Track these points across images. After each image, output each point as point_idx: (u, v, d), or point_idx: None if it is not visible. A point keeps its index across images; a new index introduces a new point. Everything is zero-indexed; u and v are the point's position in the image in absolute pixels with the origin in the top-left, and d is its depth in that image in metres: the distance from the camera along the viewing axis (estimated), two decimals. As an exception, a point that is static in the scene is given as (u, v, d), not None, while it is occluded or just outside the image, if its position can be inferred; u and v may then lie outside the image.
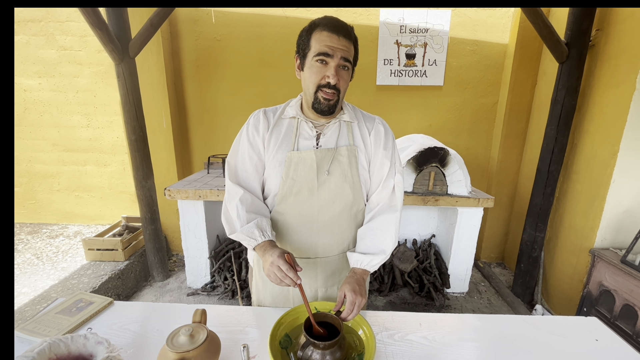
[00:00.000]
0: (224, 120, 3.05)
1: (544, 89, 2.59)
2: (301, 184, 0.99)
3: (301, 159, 0.98)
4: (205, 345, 0.79)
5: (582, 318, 1.11)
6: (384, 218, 1.01)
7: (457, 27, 2.74)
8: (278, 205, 1.02)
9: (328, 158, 0.99)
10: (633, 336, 1.74)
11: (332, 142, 1.01)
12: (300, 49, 0.95)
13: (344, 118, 1.02)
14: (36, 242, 2.94)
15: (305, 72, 0.94)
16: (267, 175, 1.03)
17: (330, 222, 1.03)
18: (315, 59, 0.89)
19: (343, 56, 0.89)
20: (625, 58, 1.88)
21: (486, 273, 2.94)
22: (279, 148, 0.99)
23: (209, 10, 2.76)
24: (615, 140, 1.91)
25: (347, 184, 1.01)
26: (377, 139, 1.04)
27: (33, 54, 2.94)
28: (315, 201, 1.01)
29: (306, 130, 1.00)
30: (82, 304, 1.10)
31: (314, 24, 0.91)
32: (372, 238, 1.00)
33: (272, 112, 1.03)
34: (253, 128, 1.01)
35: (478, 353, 0.93)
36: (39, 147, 3.18)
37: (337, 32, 0.87)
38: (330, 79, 0.89)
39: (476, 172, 3.09)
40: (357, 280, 0.93)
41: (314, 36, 0.89)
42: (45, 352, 0.78)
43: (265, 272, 0.89)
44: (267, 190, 1.05)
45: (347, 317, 0.87)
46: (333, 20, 0.89)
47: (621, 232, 2.01)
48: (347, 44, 0.89)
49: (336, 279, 1.11)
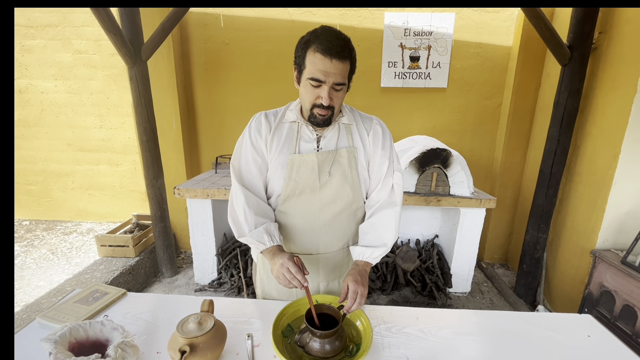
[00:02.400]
0: (232, 121, 3.13)
1: (548, 91, 2.61)
2: (304, 185, 1.03)
3: (303, 161, 1.02)
4: (212, 332, 0.85)
5: (577, 315, 1.14)
6: (384, 213, 1.05)
7: (460, 30, 2.77)
8: (281, 205, 1.07)
9: (329, 160, 1.03)
10: (632, 336, 1.75)
11: (332, 144, 1.04)
12: (296, 62, 0.96)
13: (342, 121, 1.06)
14: (51, 238, 3.06)
15: (302, 88, 0.97)
16: (269, 176, 1.06)
17: (331, 220, 1.08)
18: (309, 80, 0.91)
19: (335, 81, 0.90)
20: (627, 61, 1.90)
21: (489, 273, 2.96)
22: (281, 151, 1.02)
23: (217, 14, 2.85)
24: (616, 143, 1.93)
25: (347, 184, 1.05)
26: (376, 139, 1.07)
27: (50, 58, 3.06)
28: (317, 201, 1.05)
29: (307, 133, 1.04)
30: (98, 294, 1.17)
31: (309, 40, 0.90)
32: (373, 232, 1.05)
33: (273, 116, 1.07)
34: (255, 131, 1.04)
35: (473, 346, 0.97)
36: (54, 147, 3.31)
37: (330, 54, 0.86)
38: (323, 100, 0.92)
39: (480, 173, 3.11)
40: (359, 271, 0.98)
41: (309, 56, 0.90)
42: (66, 335, 0.85)
43: (274, 274, 0.94)
44: (270, 191, 1.09)
45: (350, 307, 0.91)
46: (328, 40, 0.87)
47: (622, 234, 2.02)
48: (341, 65, 0.89)
49: (337, 274, 1.16)
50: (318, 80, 0.90)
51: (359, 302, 0.91)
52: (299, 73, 0.97)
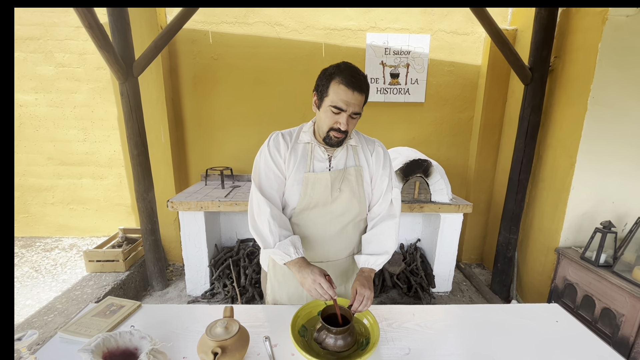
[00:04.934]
0: (220, 134, 3.20)
1: (513, 106, 2.90)
2: (317, 200, 1.16)
3: (317, 179, 1.14)
4: (238, 335, 0.95)
5: (546, 305, 1.34)
6: (385, 224, 1.19)
7: (435, 50, 3.03)
8: (295, 217, 1.19)
9: (339, 178, 1.16)
10: (592, 322, 2.00)
11: (342, 163, 1.18)
12: (319, 90, 1.08)
13: (350, 142, 1.20)
14: (31, 255, 2.95)
15: (321, 112, 1.09)
16: (286, 191, 1.18)
17: (340, 231, 1.21)
18: (330, 107, 1.04)
19: (354, 111, 1.04)
20: (577, 82, 2.19)
21: (467, 273, 3.19)
22: (297, 169, 1.14)
23: (206, 31, 2.93)
24: (573, 153, 2.21)
25: (355, 199, 1.19)
26: (378, 159, 1.22)
27: (30, 71, 3.00)
28: (328, 213, 1.18)
29: (319, 153, 1.17)
30: (114, 307, 1.23)
31: (334, 73, 1.03)
32: (376, 242, 1.18)
33: (289, 136, 1.18)
34: (274, 148, 1.15)
35: (463, 334, 1.13)
36: (33, 161, 3.21)
37: (352, 87, 1.00)
38: (341, 126, 1.05)
39: (456, 180, 3.36)
40: (365, 277, 1.10)
41: (332, 86, 1.03)
42: (100, 345, 0.92)
43: (305, 288, 1.04)
44: (284, 204, 1.20)
45: (357, 308, 1.03)
46: (351, 74, 1.01)
47: (581, 233, 2.29)
48: (360, 97, 1.03)
49: (344, 279, 1.29)
50: (340, 108, 1.03)
51: (365, 304, 1.04)
52: (320, 99, 1.08)
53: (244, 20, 2.93)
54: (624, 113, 2.09)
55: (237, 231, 3.09)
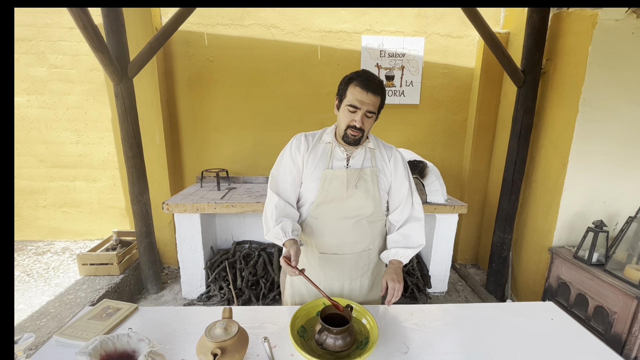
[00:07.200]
0: (216, 135, 3.19)
1: (506, 108, 2.95)
2: (333, 195, 1.23)
3: (334, 175, 1.23)
4: (237, 336, 0.94)
5: (541, 303, 1.36)
6: (411, 225, 1.30)
7: (430, 53, 3.06)
8: (313, 211, 1.26)
9: (355, 176, 1.24)
10: (585, 320, 2.03)
11: (359, 163, 1.27)
12: (339, 93, 1.21)
13: (369, 145, 1.29)
14: (23, 259, 2.90)
15: (340, 112, 1.21)
16: (305, 187, 1.27)
17: (354, 225, 1.27)
18: (347, 106, 1.15)
19: (368, 110, 1.14)
20: (569, 85, 2.23)
21: (462, 273, 3.21)
22: (316, 166, 1.24)
23: (202, 33, 2.92)
24: (565, 154, 2.25)
25: (370, 197, 1.26)
26: (396, 164, 1.32)
27: (22, 72, 2.96)
28: (343, 208, 1.25)
29: (338, 153, 1.26)
30: (111, 310, 1.21)
31: (352, 77, 1.15)
32: (404, 240, 1.28)
33: (312, 137, 1.30)
34: (295, 148, 1.27)
35: (460, 333, 1.14)
36: (24, 164, 3.16)
37: (367, 88, 1.12)
38: (357, 123, 1.15)
39: (450, 181, 3.39)
40: (394, 270, 1.22)
41: (350, 89, 1.15)
42: (97, 348, 0.91)
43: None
44: (304, 199, 1.29)
45: (390, 300, 1.15)
46: (367, 78, 1.13)
47: (574, 232, 2.33)
48: (375, 98, 1.14)
49: (359, 273, 1.34)
50: (355, 107, 1.14)
51: (397, 296, 1.16)
52: (340, 101, 1.21)
53: (240, 22, 2.93)
54: (614, 114, 2.14)
55: (233, 233, 3.08)
